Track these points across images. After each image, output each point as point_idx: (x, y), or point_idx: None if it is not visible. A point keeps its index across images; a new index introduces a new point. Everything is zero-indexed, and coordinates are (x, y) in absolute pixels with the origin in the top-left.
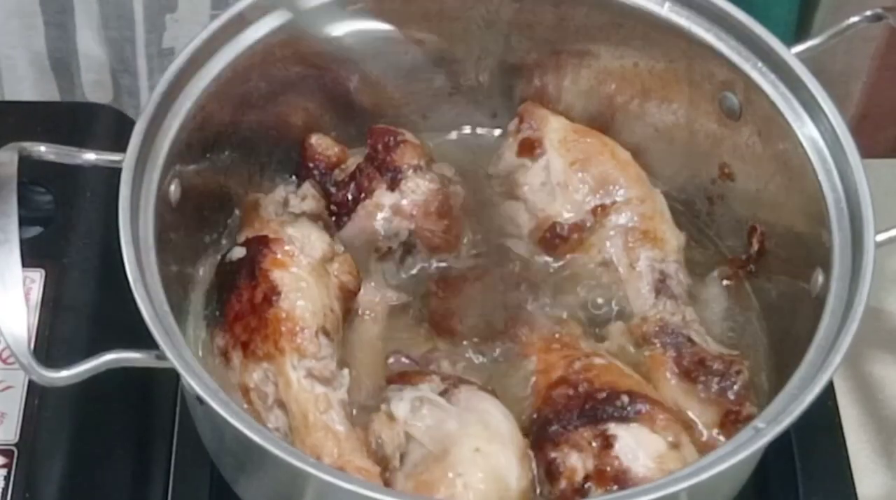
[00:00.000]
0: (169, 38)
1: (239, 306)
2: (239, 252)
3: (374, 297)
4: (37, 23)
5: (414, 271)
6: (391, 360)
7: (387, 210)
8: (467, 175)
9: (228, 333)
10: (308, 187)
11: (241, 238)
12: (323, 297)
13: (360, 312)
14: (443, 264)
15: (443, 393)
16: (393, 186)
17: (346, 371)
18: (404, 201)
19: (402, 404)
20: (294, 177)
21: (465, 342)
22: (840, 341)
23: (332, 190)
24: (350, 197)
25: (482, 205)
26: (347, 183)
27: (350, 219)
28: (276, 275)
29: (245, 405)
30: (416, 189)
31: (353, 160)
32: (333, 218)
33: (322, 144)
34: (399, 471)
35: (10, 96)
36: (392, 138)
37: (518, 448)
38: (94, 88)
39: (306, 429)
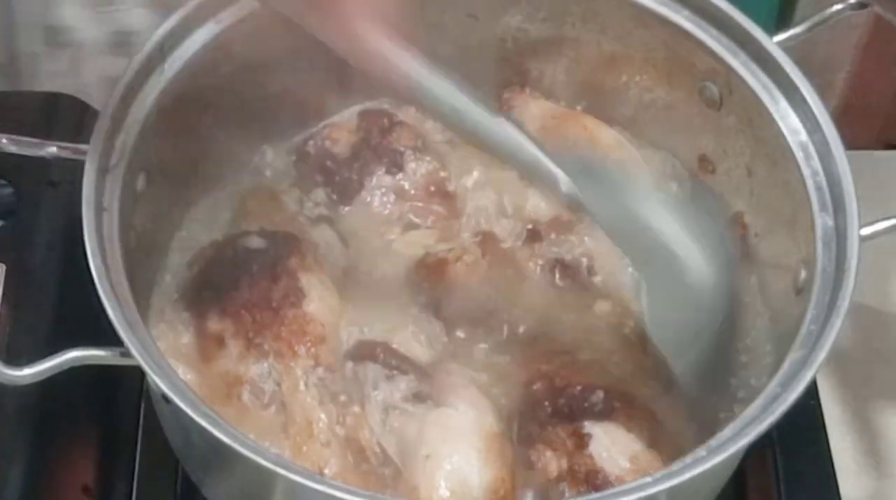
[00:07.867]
0: None
1: (249, 295)
2: (257, 242)
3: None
4: None
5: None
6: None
7: (388, 192)
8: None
9: (230, 319)
10: (321, 193)
11: (252, 227)
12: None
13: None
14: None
15: (416, 394)
16: (392, 168)
17: None
18: (406, 183)
19: (375, 413)
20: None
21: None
22: (823, 339)
23: (330, 164)
24: (355, 177)
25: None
26: (350, 163)
27: (352, 202)
28: (304, 278)
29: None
30: (417, 170)
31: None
32: (335, 196)
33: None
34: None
35: None
36: (387, 121)
37: (482, 438)
38: None
39: (310, 438)
